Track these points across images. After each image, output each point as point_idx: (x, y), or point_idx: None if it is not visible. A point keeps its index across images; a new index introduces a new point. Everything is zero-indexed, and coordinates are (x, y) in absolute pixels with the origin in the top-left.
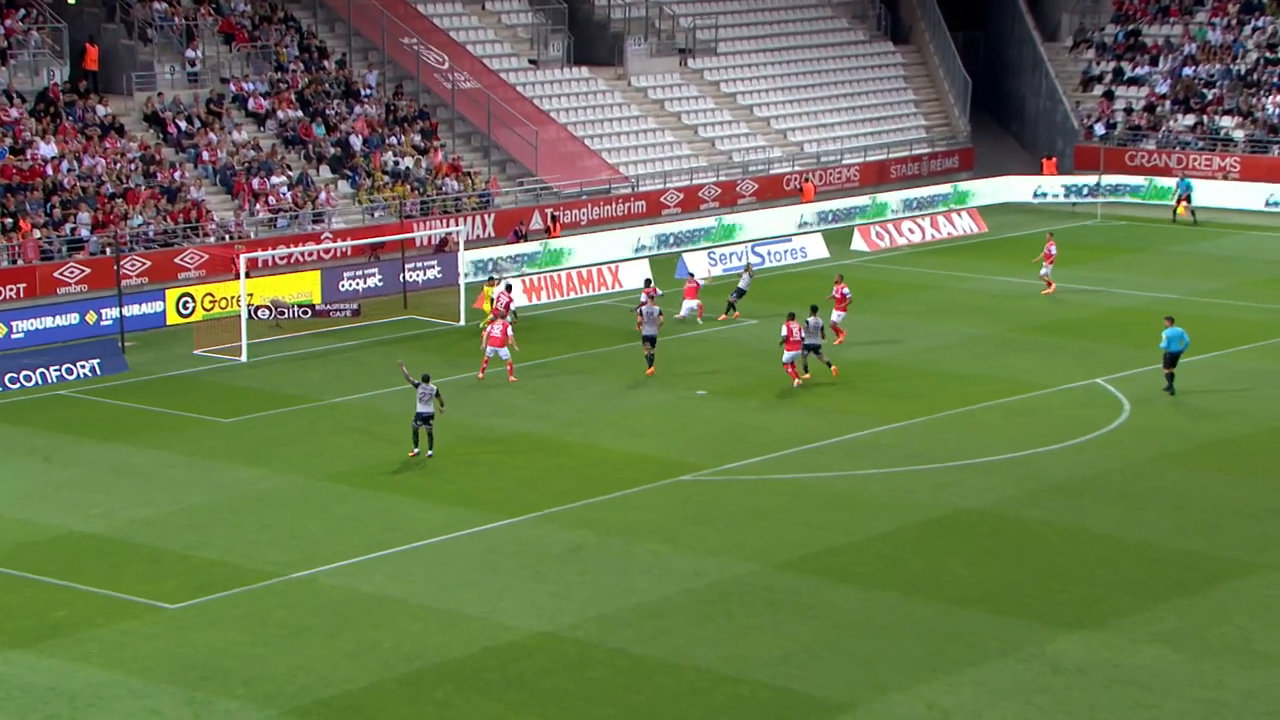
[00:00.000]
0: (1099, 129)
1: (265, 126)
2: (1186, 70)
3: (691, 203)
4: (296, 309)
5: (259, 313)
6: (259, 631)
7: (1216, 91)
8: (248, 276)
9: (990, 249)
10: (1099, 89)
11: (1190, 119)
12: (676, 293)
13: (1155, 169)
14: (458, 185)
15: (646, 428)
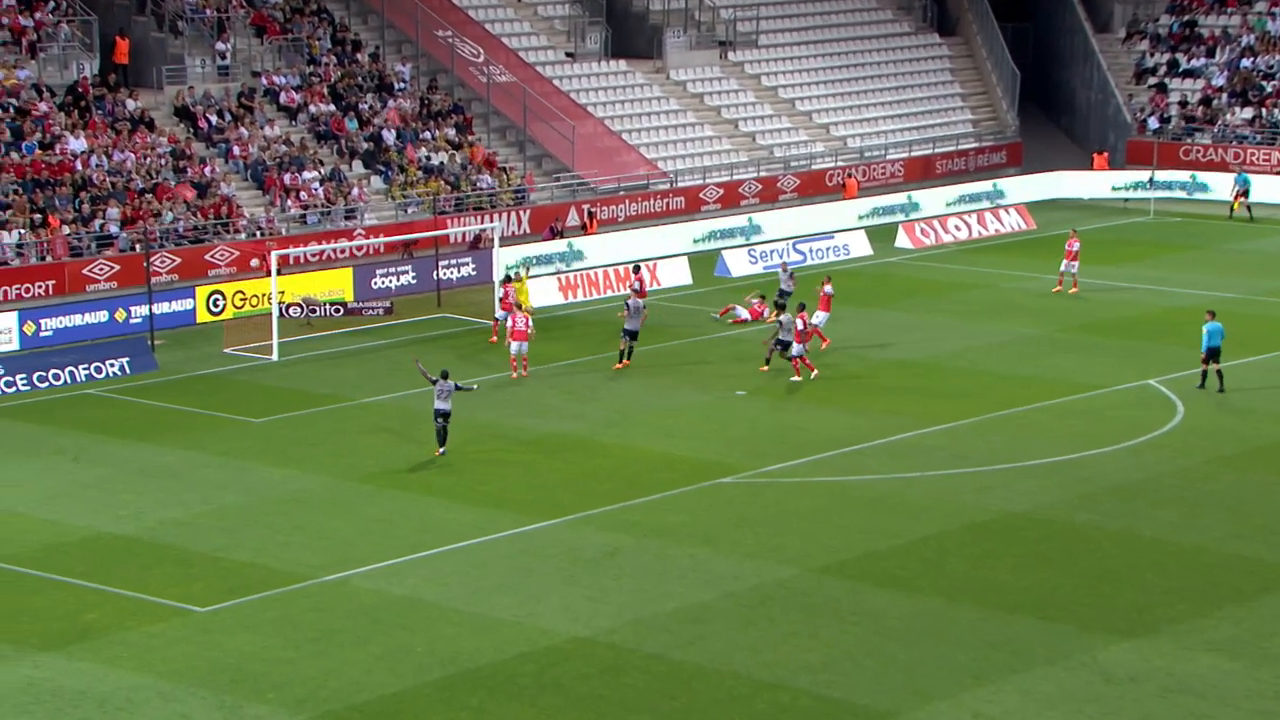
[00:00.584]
0: (1152, 123)
1: (297, 121)
2: (1244, 62)
3: (731, 199)
4: (328, 307)
5: (290, 311)
6: (290, 635)
7: (1276, 84)
8: (279, 274)
9: (1039, 246)
10: (1152, 81)
11: (1248, 112)
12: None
13: (1211, 164)
14: (492, 181)
15: (684, 428)
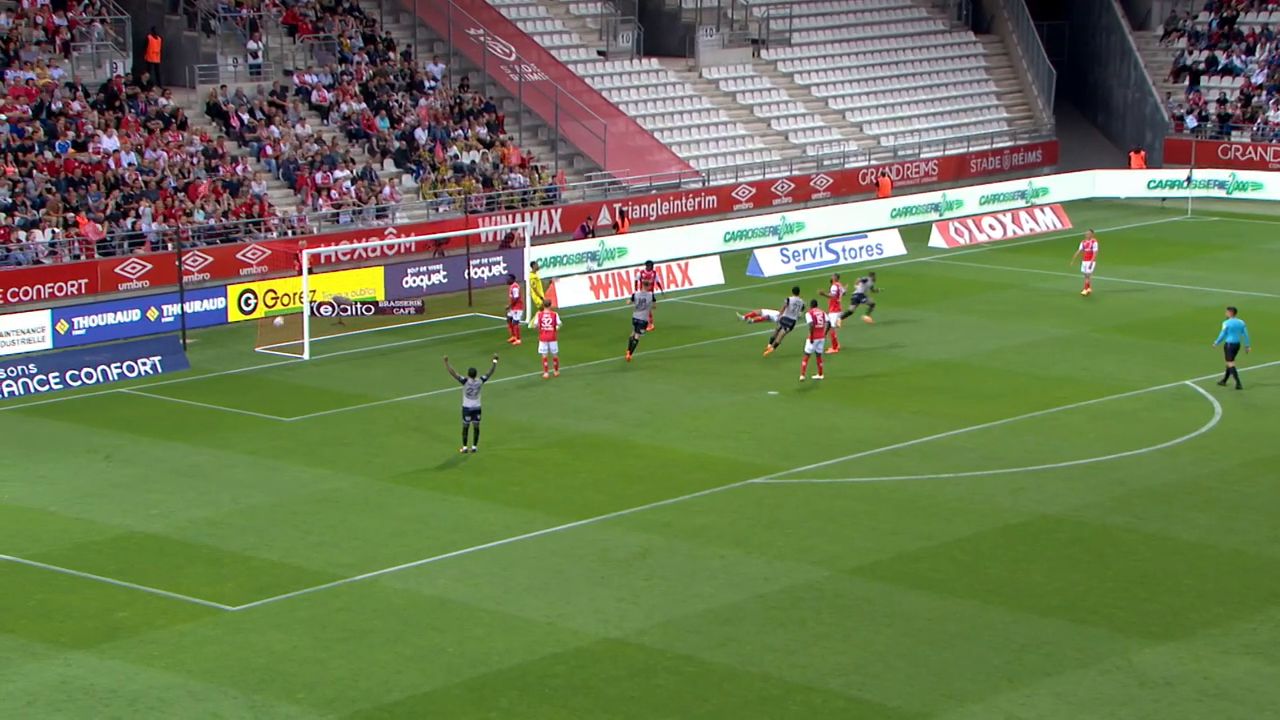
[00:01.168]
0: (1190, 121)
1: (328, 119)
2: None
3: (764, 198)
4: (359, 306)
5: (321, 310)
6: (320, 635)
7: None
8: (310, 272)
9: (1074, 246)
10: (1190, 79)
11: None
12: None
13: (1250, 163)
14: (524, 180)
15: (715, 429)
